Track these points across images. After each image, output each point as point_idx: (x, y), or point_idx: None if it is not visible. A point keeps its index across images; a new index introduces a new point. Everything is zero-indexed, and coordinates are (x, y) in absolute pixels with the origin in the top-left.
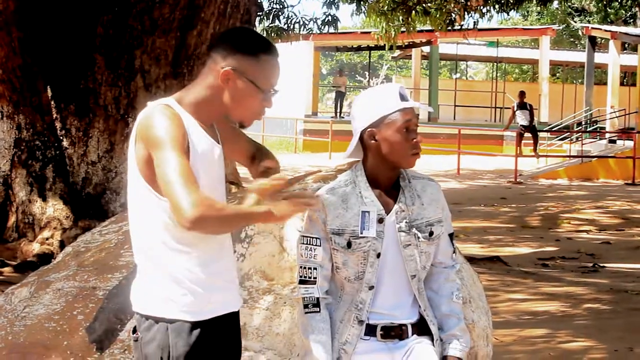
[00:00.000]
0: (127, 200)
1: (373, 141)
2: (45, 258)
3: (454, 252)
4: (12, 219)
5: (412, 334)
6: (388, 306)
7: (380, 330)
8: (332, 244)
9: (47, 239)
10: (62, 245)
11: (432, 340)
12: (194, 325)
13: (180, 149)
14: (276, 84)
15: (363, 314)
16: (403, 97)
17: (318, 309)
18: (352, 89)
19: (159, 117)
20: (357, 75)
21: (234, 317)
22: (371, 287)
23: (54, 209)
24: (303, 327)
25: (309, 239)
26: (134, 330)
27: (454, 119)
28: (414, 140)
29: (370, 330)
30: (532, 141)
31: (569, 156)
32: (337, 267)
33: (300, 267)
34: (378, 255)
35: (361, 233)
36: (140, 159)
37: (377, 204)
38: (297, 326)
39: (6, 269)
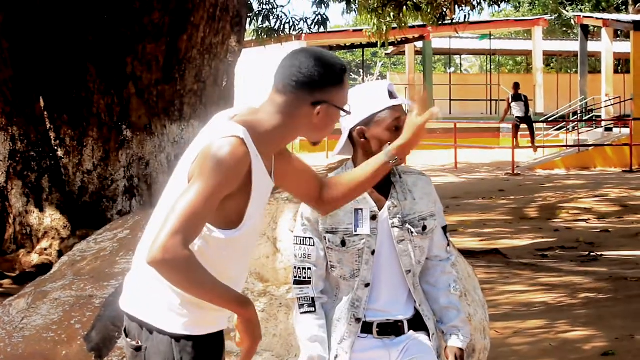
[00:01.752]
0: (160, 202)
1: (363, 139)
2: (44, 268)
3: (448, 244)
4: (10, 231)
5: (409, 330)
6: (384, 303)
7: (377, 327)
8: (326, 243)
9: (45, 249)
10: (61, 255)
11: (429, 335)
12: (198, 339)
13: (215, 195)
14: None
15: (360, 312)
16: (392, 95)
17: (314, 309)
18: None
19: (226, 156)
20: (351, 74)
21: (222, 335)
22: (367, 285)
23: (51, 219)
24: (299, 327)
25: (302, 239)
26: (127, 335)
27: (450, 113)
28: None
29: (367, 328)
30: (528, 132)
31: (566, 146)
32: (332, 265)
33: (295, 267)
34: (373, 253)
35: (355, 231)
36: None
37: (369, 201)
38: (293, 327)
39: (6, 281)
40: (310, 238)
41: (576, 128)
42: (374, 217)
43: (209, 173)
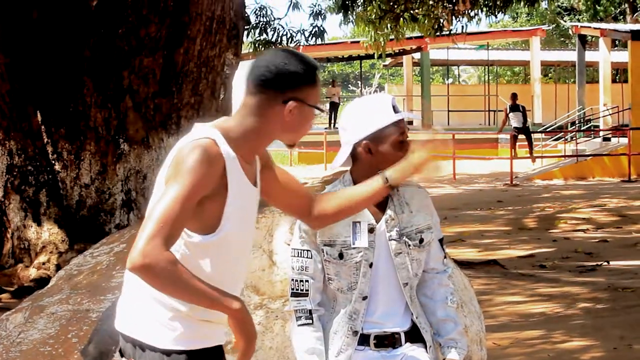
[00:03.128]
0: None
1: (369, 154)
2: (42, 282)
3: (445, 257)
4: (8, 245)
5: (405, 342)
6: (381, 315)
7: (374, 340)
8: (324, 256)
9: (43, 263)
10: (59, 269)
11: (426, 347)
12: (192, 354)
13: (190, 197)
14: None
15: (357, 324)
16: (395, 109)
17: (311, 321)
18: (345, 99)
19: (198, 156)
20: (349, 85)
21: (220, 349)
22: (364, 298)
23: (49, 234)
24: (296, 339)
25: (299, 251)
26: (122, 355)
27: (448, 124)
28: (407, 151)
29: (364, 340)
30: (526, 143)
31: (564, 156)
32: (329, 278)
33: (292, 279)
34: (370, 265)
35: (353, 244)
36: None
37: (367, 214)
38: (289, 340)
39: (4, 295)
40: (307, 250)
41: (574, 138)
42: (371, 230)
43: (182, 175)
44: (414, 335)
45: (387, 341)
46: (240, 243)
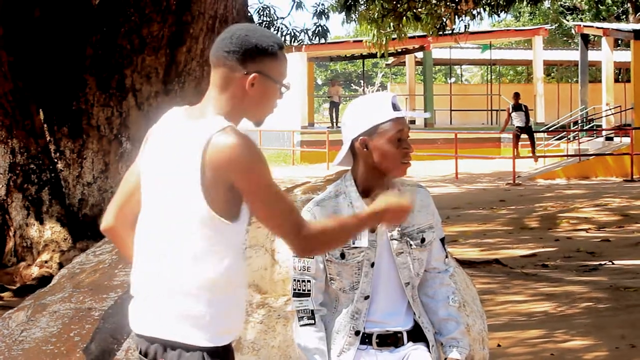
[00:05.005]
0: (160, 218)
1: (365, 150)
2: (44, 281)
3: (447, 256)
4: (10, 244)
5: (408, 341)
6: (383, 314)
7: (376, 339)
8: (326, 256)
9: (45, 262)
10: (61, 267)
11: (428, 346)
12: (222, 349)
13: (273, 178)
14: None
15: (359, 324)
16: (395, 107)
17: (313, 321)
18: (347, 98)
19: (248, 147)
20: (352, 84)
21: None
22: (366, 297)
23: (51, 232)
24: (299, 339)
25: None
26: (146, 356)
27: (451, 123)
28: (405, 149)
29: (366, 339)
30: (529, 142)
31: (567, 155)
32: (331, 278)
33: (294, 280)
34: (372, 265)
35: (353, 243)
36: (212, 188)
37: None
38: (292, 339)
39: (6, 294)
40: None
41: (577, 137)
42: (372, 230)
43: (257, 171)
44: (416, 334)
45: (390, 340)
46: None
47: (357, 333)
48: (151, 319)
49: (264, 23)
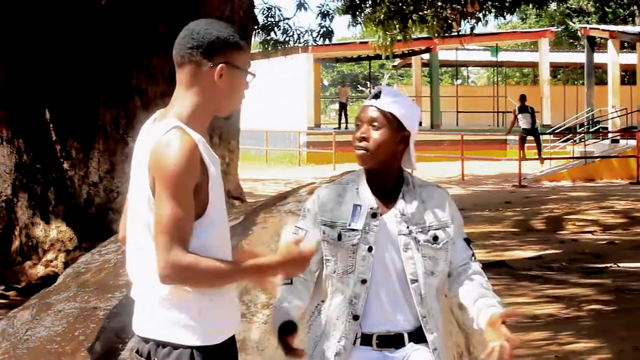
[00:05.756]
0: (134, 223)
1: None
2: (50, 280)
3: (473, 255)
4: (16, 243)
5: (409, 342)
6: (385, 313)
7: (376, 340)
8: (324, 236)
9: (51, 261)
10: (67, 267)
11: (429, 348)
12: (216, 347)
13: (188, 191)
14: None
15: (358, 309)
16: (376, 96)
17: (290, 282)
18: (354, 99)
19: (178, 150)
20: (358, 86)
21: (233, 339)
22: (364, 281)
23: (57, 231)
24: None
25: (297, 229)
26: (141, 355)
27: (457, 125)
28: (357, 135)
29: (366, 340)
30: (535, 144)
31: (572, 157)
32: (326, 259)
33: None
34: (370, 250)
35: (349, 225)
36: (152, 188)
37: (370, 199)
38: None
39: (11, 293)
40: (301, 228)
41: (583, 140)
42: (374, 215)
43: (171, 175)
44: (418, 336)
45: (391, 341)
46: (224, 214)
47: (355, 318)
48: (143, 319)
49: (270, 24)
